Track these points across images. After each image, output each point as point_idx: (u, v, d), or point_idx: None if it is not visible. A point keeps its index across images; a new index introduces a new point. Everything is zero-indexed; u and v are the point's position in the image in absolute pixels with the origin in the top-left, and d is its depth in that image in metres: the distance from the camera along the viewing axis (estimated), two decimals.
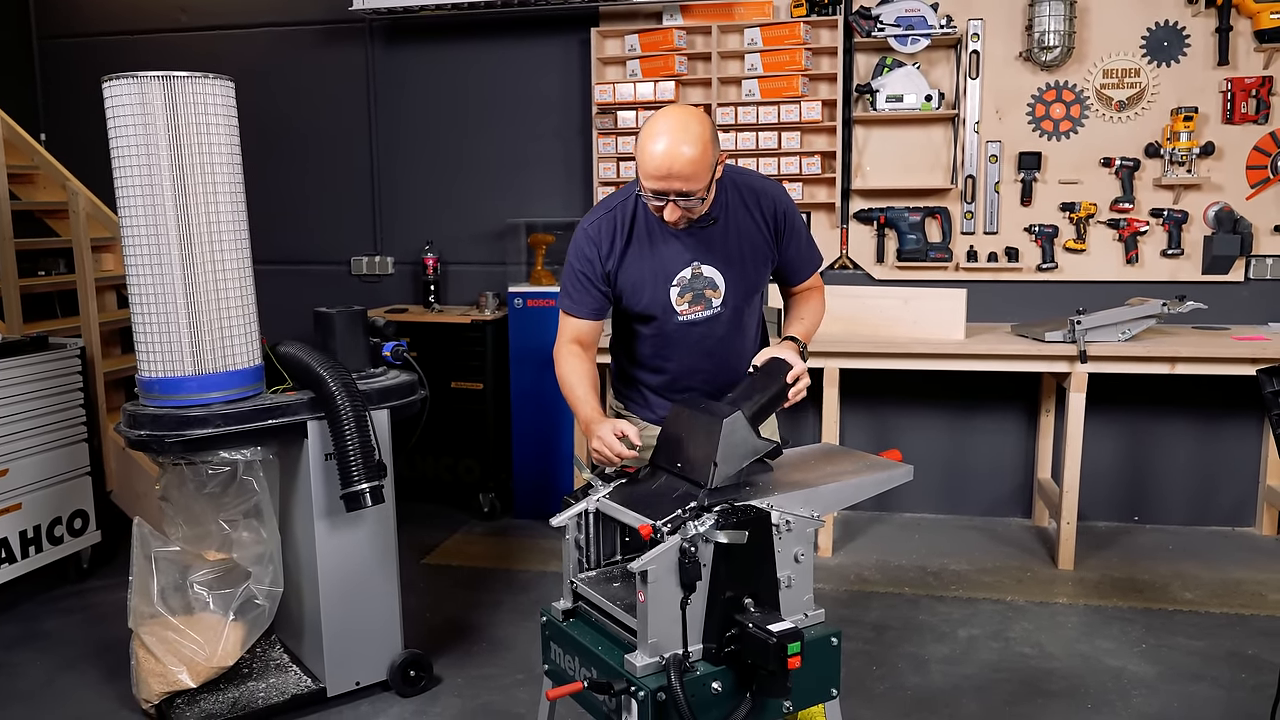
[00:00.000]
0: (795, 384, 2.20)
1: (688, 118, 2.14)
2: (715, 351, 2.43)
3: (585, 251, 2.34)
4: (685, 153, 2.10)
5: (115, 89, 2.61)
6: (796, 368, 2.20)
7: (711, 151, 2.15)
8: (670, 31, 4.55)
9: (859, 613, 3.67)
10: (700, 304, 2.36)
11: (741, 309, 2.43)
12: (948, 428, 4.76)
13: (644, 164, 2.15)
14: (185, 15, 5.29)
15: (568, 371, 2.36)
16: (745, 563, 1.87)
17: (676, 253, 2.33)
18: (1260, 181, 4.30)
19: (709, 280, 2.35)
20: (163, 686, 2.86)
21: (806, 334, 2.43)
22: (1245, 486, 4.54)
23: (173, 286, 2.67)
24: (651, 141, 2.13)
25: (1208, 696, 3.03)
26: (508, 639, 3.49)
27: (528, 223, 4.88)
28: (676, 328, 2.37)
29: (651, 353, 2.44)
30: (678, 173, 2.12)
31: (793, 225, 2.42)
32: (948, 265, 4.56)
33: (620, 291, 2.37)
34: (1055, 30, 4.27)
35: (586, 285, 2.36)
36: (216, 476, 2.84)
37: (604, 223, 2.34)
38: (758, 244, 2.38)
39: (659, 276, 2.33)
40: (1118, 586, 3.89)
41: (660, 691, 1.76)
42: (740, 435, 1.99)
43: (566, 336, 2.41)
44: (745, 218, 2.36)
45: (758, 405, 2.09)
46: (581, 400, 2.31)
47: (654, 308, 2.35)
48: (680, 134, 2.11)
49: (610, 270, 2.34)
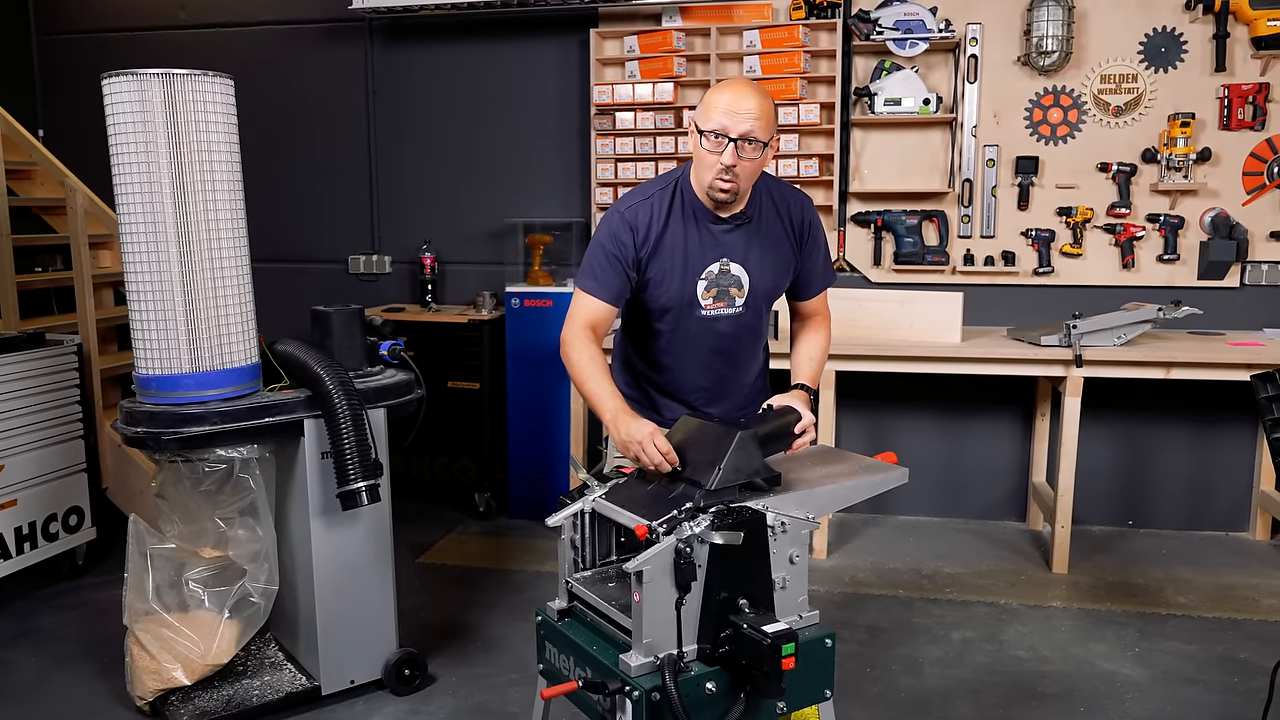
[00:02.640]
0: (801, 435, 2.19)
1: (756, 84, 2.25)
2: (728, 350, 2.43)
3: (619, 234, 2.31)
4: (755, 96, 2.18)
5: (115, 86, 2.61)
6: (805, 420, 2.19)
7: (775, 115, 2.24)
8: (669, 33, 4.56)
9: (853, 615, 3.68)
10: (724, 300, 2.36)
11: (761, 311, 2.44)
12: (944, 431, 4.77)
13: (712, 103, 2.20)
14: (185, 12, 5.29)
15: (586, 360, 2.26)
16: (740, 564, 1.87)
17: (709, 247, 2.33)
18: (1257, 188, 4.32)
19: (735, 279, 2.36)
20: (157, 684, 2.86)
21: (815, 378, 2.44)
22: (1239, 492, 4.55)
23: (170, 284, 2.67)
24: (722, 90, 2.21)
25: (1200, 701, 3.04)
26: (503, 638, 3.49)
27: (526, 223, 4.88)
28: (696, 322, 2.37)
29: (664, 350, 2.43)
30: (746, 111, 2.16)
31: (815, 237, 2.44)
32: (944, 268, 4.57)
33: (647, 280, 2.34)
34: (1053, 35, 4.28)
35: (616, 266, 2.31)
36: (213, 474, 2.84)
37: (641, 209, 2.32)
38: (783, 249, 2.40)
39: (689, 268, 2.32)
40: (1112, 590, 3.90)
41: (655, 691, 1.76)
42: (749, 450, 1.99)
43: (581, 320, 2.31)
44: (775, 221, 2.38)
45: (766, 435, 2.09)
46: (609, 393, 2.22)
47: (678, 300, 2.34)
48: (751, 87, 2.21)
49: (643, 257, 2.32)
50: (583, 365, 2.26)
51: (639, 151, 4.67)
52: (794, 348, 2.53)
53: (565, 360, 2.31)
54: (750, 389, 2.53)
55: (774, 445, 2.15)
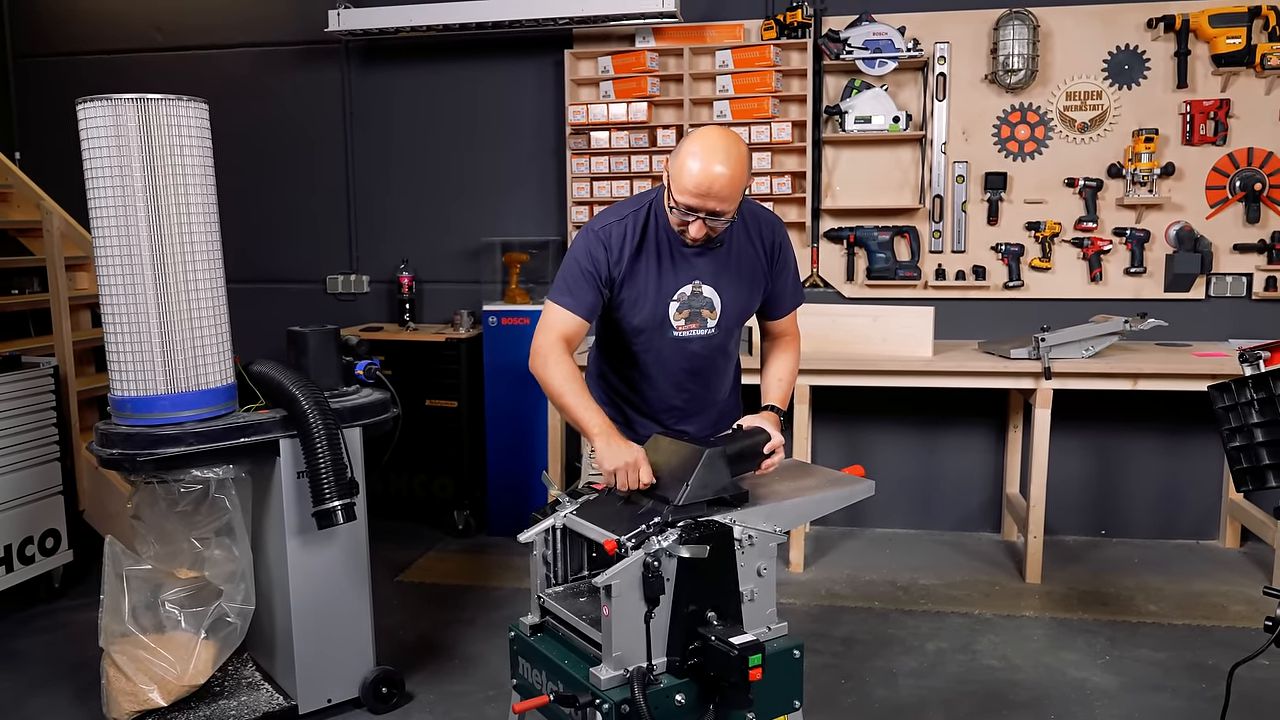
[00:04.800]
0: (770, 455, 2.23)
1: (730, 140, 2.19)
2: (701, 370, 2.48)
3: (594, 252, 2.34)
4: (726, 174, 2.16)
5: (90, 111, 2.64)
6: (774, 440, 2.24)
7: (747, 176, 2.23)
8: (643, 53, 4.62)
9: (829, 627, 3.71)
10: (696, 322, 2.41)
11: (732, 332, 2.49)
12: (918, 444, 4.82)
13: (683, 180, 2.18)
14: (161, 35, 5.32)
15: (565, 376, 2.27)
16: (708, 577, 1.91)
17: (681, 270, 2.37)
18: (1219, 201, 4.41)
19: (707, 300, 2.40)
20: (133, 705, 2.86)
21: (784, 400, 2.48)
22: (1209, 500, 4.62)
23: (146, 306, 2.69)
24: (694, 160, 2.17)
25: (1168, 706, 3.09)
26: (480, 655, 3.51)
27: (503, 242, 4.92)
28: (668, 343, 2.41)
29: (638, 369, 2.47)
30: (716, 193, 2.17)
31: (785, 258, 2.49)
32: (916, 283, 4.64)
33: (620, 301, 2.37)
34: (1019, 54, 4.36)
35: (591, 282, 2.33)
36: (189, 495, 2.86)
37: (615, 229, 2.35)
38: (755, 270, 2.44)
39: (662, 290, 2.36)
40: (1084, 599, 3.95)
41: (624, 704, 1.80)
42: (717, 468, 2.03)
43: (555, 334, 2.32)
44: (746, 243, 2.42)
45: (735, 454, 2.13)
46: (592, 409, 2.24)
47: (651, 321, 2.38)
48: (723, 156, 2.16)
49: (616, 276, 2.35)
50: (562, 381, 2.27)
51: (614, 170, 4.72)
52: (764, 368, 2.58)
53: (539, 372, 2.32)
54: (723, 406, 2.58)
55: (743, 464, 2.19)
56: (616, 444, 2.14)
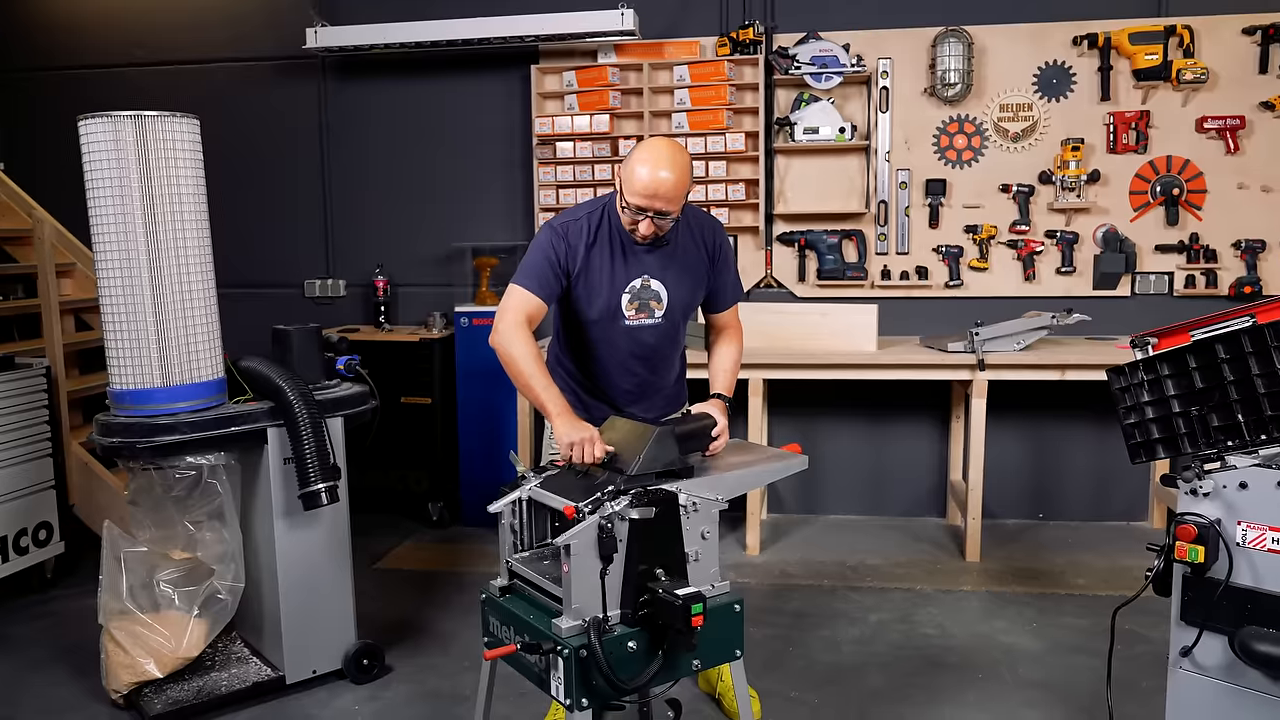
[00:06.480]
0: (716, 440, 2.52)
1: (674, 149, 2.50)
2: (649, 357, 2.75)
3: (555, 244, 2.61)
4: (671, 178, 2.45)
5: (91, 126, 2.86)
6: (720, 425, 2.53)
7: (689, 180, 2.52)
8: (605, 69, 4.89)
9: (780, 603, 3.98)
10: (645, 312, 2.68)
11: (678, 323, 2.76)
12: (869, 435, 5.11)
13: (633, 184, 2.47)
14: (141, 50, 5.50)
15: (528, 356, 2.48)
16: (657, 538, 2.17)
17: (632, 265, 2.65)
18: (1142, 205, 4.73)
19: (655, 293, 2.68)
20: (131, 677, 3.07)
21: (729, 387, 2.76)
22: (1139, 484, 4.94)
23: (143, 306, 2.91)
24: (643, 165, 2.46)
25: (1085, 666, 3.39)
26: (454, 632, 3.74)
27: (474, 246, 5.17)
28: (620, 332, 2.68)
29: (593, 356, 2.75)
30: (663, 195, 2.46)
31: (725, 256, 2.78)
32: (864, 283, 4.93)
33: (577, 294, 2.65)
34: (955, 69, 4.67)
35: (553, 269, 2.60)
36: (183, 480, 3.08)
37: (573, 226, 2.63)
38: (698, 268, 2.73)
39: (615, 284, 2.64)
40: (1018, 575, 4.25)
41: (582, 650, 2.04)
42: (667, 445, 2.30)
43: (519, 313, 2.53)
44: (690, 243, 2.71)
45: (684, 433, 2.40)
46: (551, 389, 2.48)
47: (605, 311, 2.65)
48: (668, 162, 2.46)
49: (573, 269, 2.62)
50: (524, 358, 2.49)
51: (578, 179, 4.98)
52: (710, 359, 2.86)
53: (503, 347, 2.53)
54: (669, 392, 2.85)
55: (691, 444, 2.46)
56: (571, 421, 2.40)
